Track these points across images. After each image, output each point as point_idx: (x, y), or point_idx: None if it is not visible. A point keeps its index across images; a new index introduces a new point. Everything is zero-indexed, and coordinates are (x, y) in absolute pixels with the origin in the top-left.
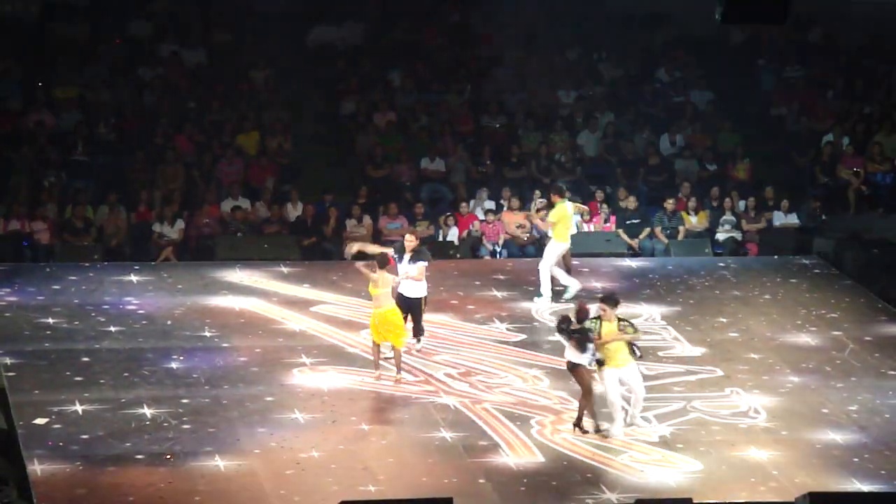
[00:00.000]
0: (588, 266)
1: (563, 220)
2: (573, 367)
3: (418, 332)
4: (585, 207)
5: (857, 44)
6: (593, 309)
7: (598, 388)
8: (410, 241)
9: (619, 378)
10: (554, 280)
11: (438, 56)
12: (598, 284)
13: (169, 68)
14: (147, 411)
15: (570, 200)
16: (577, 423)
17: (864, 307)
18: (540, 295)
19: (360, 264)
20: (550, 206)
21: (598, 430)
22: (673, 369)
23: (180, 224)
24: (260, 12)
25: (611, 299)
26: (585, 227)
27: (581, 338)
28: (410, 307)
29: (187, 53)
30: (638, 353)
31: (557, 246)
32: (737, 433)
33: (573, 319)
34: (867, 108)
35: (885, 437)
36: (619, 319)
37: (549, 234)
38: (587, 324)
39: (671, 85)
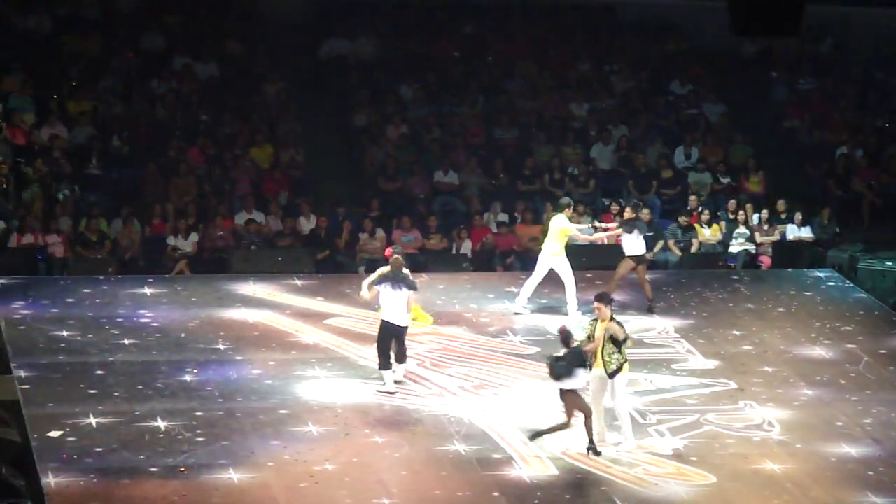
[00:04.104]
0: (602, 279)
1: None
2: (566, 393)
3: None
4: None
5: (869, 55)
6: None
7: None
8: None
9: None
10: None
11: (450, 68)
12: (613, 297)
13: (182, 81)
14: (161, 424)
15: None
16: (592, 447)
17: (879, 320)
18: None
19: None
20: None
21: (596, 452)
22: (686, 382)
23: (194, 237)
24: (272, 25)
25: (604, 298)
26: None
27: (571, 361)
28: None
29: (200, 66)
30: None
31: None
32: (751, 446)
33: (561, 347)
34: (880, 121)
35: None
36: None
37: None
38: (575, 341)
39: (684, 97)
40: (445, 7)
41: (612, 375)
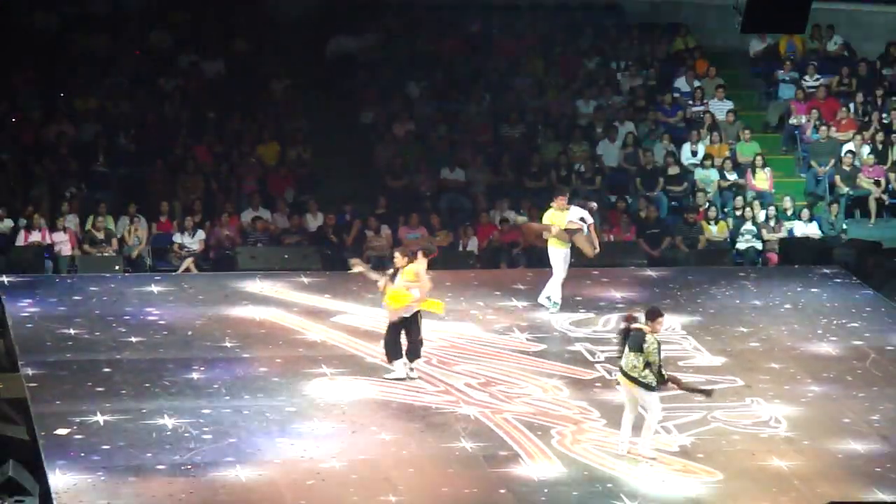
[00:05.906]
0: (608, 276)
1: None
2: None
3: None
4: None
5: (876, 52)
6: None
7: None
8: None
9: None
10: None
11: (457, 66)
12: (617, 294)
13: (188, 79)
14: (168, 422)
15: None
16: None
17: (885, 316)
18: None
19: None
20: None
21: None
22: (693, 379)
23: (201, 235)
24: (279, 23)
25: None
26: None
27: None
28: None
29: (207, 64)
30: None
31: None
32: (758, 443)
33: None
34: (887, 117)
35: None
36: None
37: None
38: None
39: (690, 94)
40: (452, 5)
41: (648, 388)
